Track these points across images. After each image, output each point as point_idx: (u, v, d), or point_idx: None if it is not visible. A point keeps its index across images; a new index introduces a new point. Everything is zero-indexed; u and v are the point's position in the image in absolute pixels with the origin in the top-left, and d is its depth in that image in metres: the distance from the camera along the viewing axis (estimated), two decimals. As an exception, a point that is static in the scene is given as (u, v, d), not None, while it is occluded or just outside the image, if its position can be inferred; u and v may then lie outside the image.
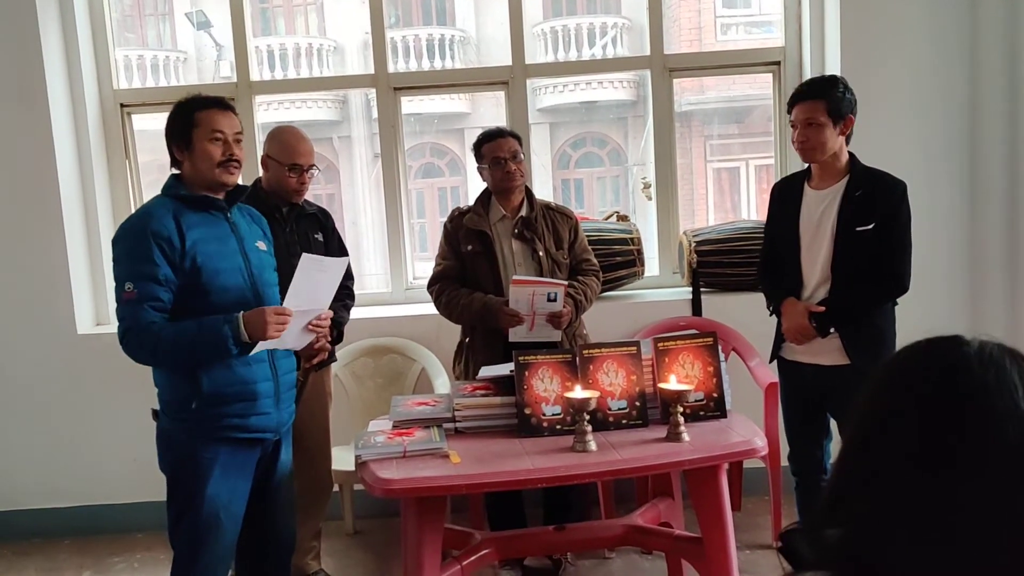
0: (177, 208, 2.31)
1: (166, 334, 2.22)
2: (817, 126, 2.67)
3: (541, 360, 2.65)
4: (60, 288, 3.81)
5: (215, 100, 2.38)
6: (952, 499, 0.81)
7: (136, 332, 2.22)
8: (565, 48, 12.29)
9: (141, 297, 2.21)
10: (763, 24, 11.85)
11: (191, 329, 2.22)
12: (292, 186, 2.97)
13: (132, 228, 2.29)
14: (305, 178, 2.99)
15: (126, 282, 2.22)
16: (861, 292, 2.70)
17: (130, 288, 2.22)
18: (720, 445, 2.49)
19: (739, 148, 12.48)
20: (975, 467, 0.80)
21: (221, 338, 2.21)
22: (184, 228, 2.27)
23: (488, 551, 2.76)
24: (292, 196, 3.00)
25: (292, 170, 2.96)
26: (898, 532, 0.83)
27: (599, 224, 4.00)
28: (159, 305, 2.24)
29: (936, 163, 3.73)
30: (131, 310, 2.22)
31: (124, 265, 2.26)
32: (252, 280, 2.39)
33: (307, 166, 2.98)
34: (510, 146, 3.13)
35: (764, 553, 3.36)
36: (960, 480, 0.80)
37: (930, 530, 0.81)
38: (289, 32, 12.89)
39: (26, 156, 3.76)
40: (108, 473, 3.88)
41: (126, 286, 2.22)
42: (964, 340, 0.86)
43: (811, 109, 2.68)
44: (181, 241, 2.25)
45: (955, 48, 3.71)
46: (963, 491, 0.80)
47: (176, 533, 2.37)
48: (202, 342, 2.22)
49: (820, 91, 2.70)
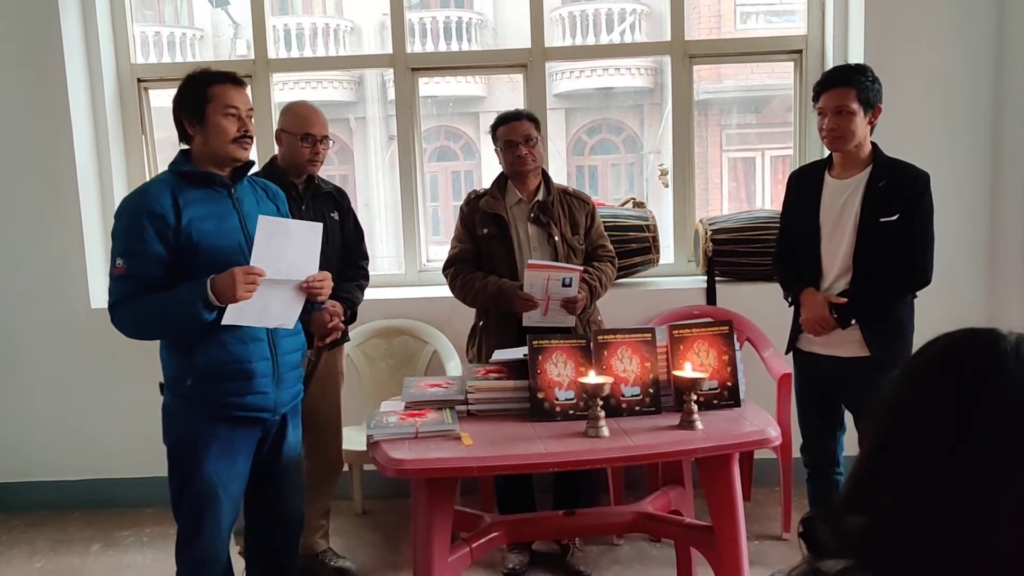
0: (178, 185, 2.30)
1: (144, 304, 2.24)
2: (848, 114, 2.62)
3: (555, 345, 2.64)
4: (75, 263, 3.82)
5: (228, 75, 2.36)
6: (985, 495, 0.79)
7: (120, 306, 2.27)
8: (583, 33, 12.21)
9: (130, 273, 2.24)
10: (783, 13, 11.73)
11: (164, 297, 2.23)
12: (305, 156, 2.96)
13: (128, 206, 2.30)
14: (319, 148, 2.97)
15: (117, 258, 2.26)
16: (883, 284, 2.66)
17: (120, 264, 2.25)
18: (733, 434, 2.47)
19: (755, 138, 12.39)
20: (1011, 465, 0.79)
21: (190, 302, 2.20)
22: (182, 205, 2.26)
23: (497, 534, 2.75)
24: (305, 168, 2.99)
25: (304, 140, 2.95)
26: (925, 523, 0.81)
27: (615, 210, 3.97)
28: (147, 280, 2.25)
29: (957, 155, 3.69)
30: (119, 286, 2.27)
31: (118, 241, 2.29)
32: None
33: (320, 136, 2.97)
34: (524, 129, 3.10)
35: (773, 543, 3.35)
36: (994, 477, 0.79)
37: (960, 524, 0.80)
38: (306, 11, 12.85)
39: (43, 129, 3.76)
40: (119, 447, 3.90)
41: (117, 262, 2.26)
42: (1001, 334, 0.85)
43: (842, 96, 2.63)
44: (177, 219, 2.25)
45: (980, 40, 3.66)
46: (996, 488, 0.79)
47: (179, 508, 2.38)
48: (174, 308, 2.22)
49: (850, 78, 2.65)
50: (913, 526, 0.82)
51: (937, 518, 0.81)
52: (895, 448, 0.86)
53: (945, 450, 0.82)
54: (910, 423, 0.85)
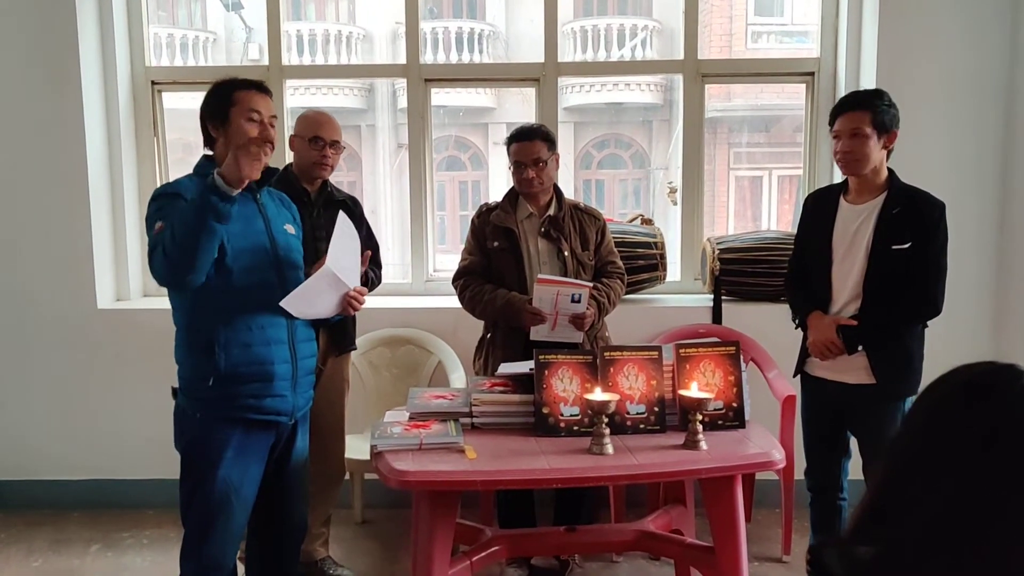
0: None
1: (169, 233, 2.17)
2: (862, 137, 2.62)
3: (561, 360, 2.65)
4: (83, 262, 3.83)
5: (255, 82, 2.41)
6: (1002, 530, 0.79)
7: (158, 250, 2.21)
8: (594, 48, 12.26)
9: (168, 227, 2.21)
10: (794, 34, 11.78)
11: (181, 209, 2.19)
12: (314, 158, 2.98)
13: (166, 191, 2.32)
14: (327, 152, 2.99)
15: (156, 223, 2.23)
16: (892, 311, 2.65)
17: (160, 225, 2.22)
18: (738, 455, 2.47)
19: (763, 157, 12.42)
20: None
21: (202, 201, 2.14)
22: None
23: (498, 548, 2.75)
24: (315, 171, 3.00)
25: (313, 143, 2.97)
26: (938, 556, 0.81)
27: (623, 226, 3.98)
28: None
29: (967, 181, 3.69)
30: (159, 237, 2.21)
31: (155, 213, 2.27)
32: (277, 261, 2.39)
33: (329, 140, 2.99)
34: (535, 152, 3.07)
35: (773, 566, 3.34)
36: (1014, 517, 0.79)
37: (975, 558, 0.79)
38: (320, 18, 12.91)
39: (56, 130, 3.77)
40: (121, 448, 3.90)
41: (156, 224, 2.23)
42: (1022, 371, 0.84)
43: (856, 119, 2.63)
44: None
45: (994, 66, 3.67)
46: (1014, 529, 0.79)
47: (188, 512, 2.37)
48: (191, 215, 2.15)
49: (865, 102, 2.65)
50: (926, 560, 0.82)
51: (951, 551, 0.81)
52: (911, 479, 0.86)
53: (965, 484, 0.81)
54: (929, 454, 0.85)
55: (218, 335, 2.28)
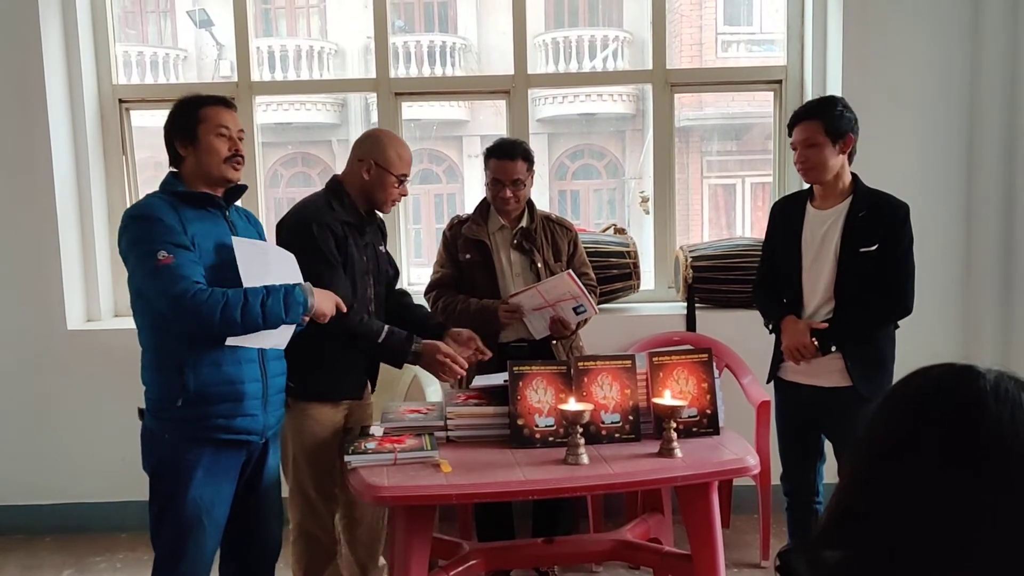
0: (175, 204, 2.28)
1: (238, 292, 2.19)
2: (816, 146, 2.66)
3: (535, 371, 2.64)
4: (52, 283, 3.77)
5: (219, 98, 2.39)
6: (963, 535, 0.79)
7: (195, 292, 2.14)
8: (566, 60, 12.32)
9: (180, 261, 2.16)
10: (763, 43, 11.90)
11: (262, 290, 2.23)
12: (394, 197, 2.81)
13: (142, 212, 2.25)
14: (405, 189, 2.84)
15: (158, 252, 2.15)
16: (864, 312, 2.68)
17: (164, 255, 2.14)
18: (712, 462, 2.48)
19: (736, 165, 12.52)
20: (988, 505, 0.79)
21: (293, 299, 2.27)
22: (184, 223, 2.24)
23: (476, 562, 2.74)
24: (387, 207, 2.84)
25: (400, 181, 2.79)
26: (903, 558, 0.82)
27: (596, 236, 3.99)
28: (194, 259, 2.20)
29: (934, 185, 3.73)
30: (176, 273, 2.14)
31: (146, 241, 2.18)
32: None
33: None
34: (514, 172, 3.04)
35: (751, 571, 3.35)
36: (972, 517, 0.79)
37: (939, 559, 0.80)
38: (291, 34, 12.89)
39: (22, 149, 3.72)
40: (93, 471, 3.84)
41: (159, 255, 2.14)
42: (979, 372, 0.85)
43: (809, 129, 2.68)
44: (183, 233, 2.22)
45: (957, 72, 3.72)
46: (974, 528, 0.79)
47: (158, 534, 2.33)
48: (276, 300, 2.23)
49: (817, 111, 2.70)
50: (892, 561, 0.82)
51: (915, 553, 0.81)
52: (872, 482, 0.86)
53: (926, 487, 0.82)
54: (887, 460, 0.86)
55: (187, 354, 2.24)
